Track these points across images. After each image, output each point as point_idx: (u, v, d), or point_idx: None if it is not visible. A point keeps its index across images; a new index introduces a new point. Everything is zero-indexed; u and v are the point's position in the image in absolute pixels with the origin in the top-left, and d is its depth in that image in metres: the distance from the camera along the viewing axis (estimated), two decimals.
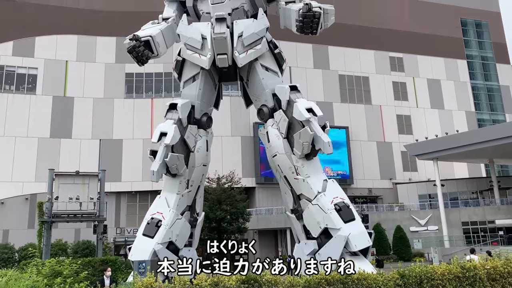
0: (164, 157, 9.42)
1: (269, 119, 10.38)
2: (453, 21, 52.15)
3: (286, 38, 32.67)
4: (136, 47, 9.79)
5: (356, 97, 46.21)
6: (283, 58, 10.77)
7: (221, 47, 10.03)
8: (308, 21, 9.39)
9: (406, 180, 44.87)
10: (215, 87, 11.24)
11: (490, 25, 53.97)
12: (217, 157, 33.20)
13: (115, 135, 39.51)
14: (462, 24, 53.10)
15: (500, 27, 54.83)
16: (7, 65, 39.02)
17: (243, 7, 10.70)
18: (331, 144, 9.05)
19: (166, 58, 12.14)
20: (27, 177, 36.31)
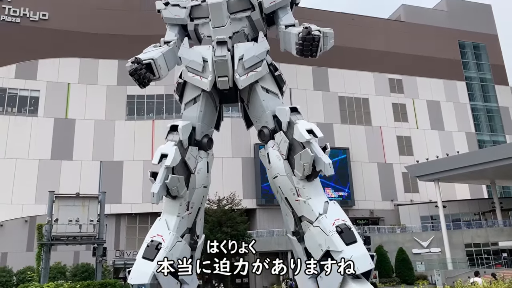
0: (165, 178, 9.37)
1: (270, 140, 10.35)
2: (452, 44, 52.80)
3: (286, 61, 33.02)
4: (138, 70, 9.84)
5: (356, 118, 46.42)
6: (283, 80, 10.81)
7: (222, 69, 10.08)
8: (308, 44, 9.46)
9: (407, 201, 44.64)
10: (216, 108, 11.25)
11: (488, 47, 54.61)
12: (217, 178, 33.17)
13: (115, 156, 39.55)
14: (460, 47, 53.74)
15: (498, 49, 55.45)
16: (9, 87, 39.39)
17: (243, 30, 10.82)
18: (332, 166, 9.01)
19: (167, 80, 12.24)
20: (27, 199, 36.19)
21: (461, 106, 50.78)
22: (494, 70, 53.97)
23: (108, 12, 42.94)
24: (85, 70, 41.34)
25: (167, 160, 9.32)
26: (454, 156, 38.49)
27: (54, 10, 42.15)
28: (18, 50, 39.78)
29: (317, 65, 44.26)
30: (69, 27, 41.82)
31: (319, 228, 9.03)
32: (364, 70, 47.72)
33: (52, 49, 40.78)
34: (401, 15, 54.09)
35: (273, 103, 10.27)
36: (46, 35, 41.02)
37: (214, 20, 10.44)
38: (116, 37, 41.74)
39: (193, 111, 10.42)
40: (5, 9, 41.09)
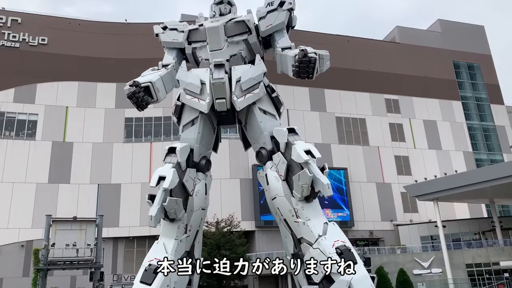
0: (163, 201, 9.29)
1: (268, 161, 10.34)
2: (446, 64, 53.47)
3: (283, 82, 33.40)
4: (136, 93, 9.90)
5: (354, 138, 46.59)
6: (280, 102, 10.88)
7: (219, 91, 10.15)
8: (304, 66, 9.57)
9: (407, 221, 44.41)
10: (214, 130, 11.29)
11: (482, 67, 55.31)
12: (216, 200, 33.00)
13: (113, 179, 39.41)
14: (455, 67, 54.42)
15: (492, 69, 56.14)
16: (7, 111, 39.50)
17: (240, 53, 10.95)
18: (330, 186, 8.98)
19: (165, 103, 12.31)
20: (24, 223, 35.86)
21: (457, 125, 51.09)
22: (489, 89, 54.54)
23: (106, 36, 43.49)
24: (84, 94, 41.58)
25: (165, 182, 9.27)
26: (452, 176, 38.49)
27: (53, 35, 42.64)
28: (17, 75, 40.07)
29: (314, 86, 44.67)
30: (67, 51, 42.24)
31: (318, 250, 8.94)
32: (361, 91, 48.15)
33: (51, 73, 41.09)
34: (396, 36, 54.88)
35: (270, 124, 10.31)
36: (45, 60, 41.39)
37: (212, 44, 10.58)
38: (114, 60, 42.14)
39: (191, 133, 10.44)
40: (5, 34, 41.55)
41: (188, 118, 10.55)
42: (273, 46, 11.10)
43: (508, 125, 53.72)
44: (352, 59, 48.09)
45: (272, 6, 11.01)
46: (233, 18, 11.01)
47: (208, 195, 10.80)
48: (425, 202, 42.24)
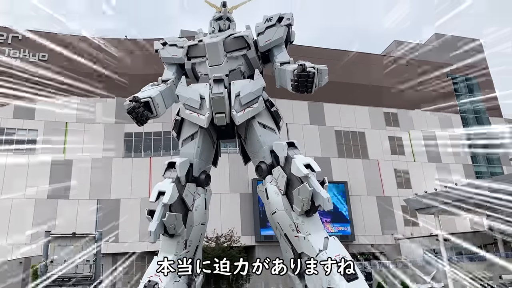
0: (162, 216, 9.24)
1: (268, 175, 10.33)
2: (444, 77, 53.78)
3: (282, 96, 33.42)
4: (136, 108, 9.93)
5: (353, 152, 46.60)
6: (280, 116, 10.92)
7: (219, 106, 10.20)
8: (303, 80, 9.63)
9: (408, 235, 44.17)
10: (214, 145, 11.30)
11: (480, 81, 55.62)
12: (215, 215, 32.84)
13: (112, 195, 39.29)
14: (453, 80, 54.72)
15: (490, 82, 56.48)
16: (7, 127, 39.54)
17: (240, 68, 11.04)
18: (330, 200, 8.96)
19: (165, 118, 12.35)
20: (22, 239, 35.61)
21: (456, 138, 51.15)
22: (487, 102, 54.75)
23: (105, 52, 43.79)
24: (83, 109, 41.70)
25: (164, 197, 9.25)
26: (452, 189, 38.35)
27: (53, 51, 42.92)
28: (17, 90, 40.20)
29: (313, 100, 44.86)
30: (67, 67, 42.48)
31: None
32: (359, 105, 48.35)
33: (51, 89, 41.24)
34: (394, 50, 55.36)
35: (270, 138, 10.33)
36: (45, 76, 41.58)
37: (211, 59, 10.67)
38: (114, 76, 42.36)
39: (190, 148, 10.46)
40: (6, 51, 41.84)
41: (187, 133, 10.58)
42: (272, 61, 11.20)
43: None
44: (351, 73, 48.38)
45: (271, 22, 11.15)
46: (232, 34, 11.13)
47: (208, 210, 10.76)
48: (426, 216, 42.06)
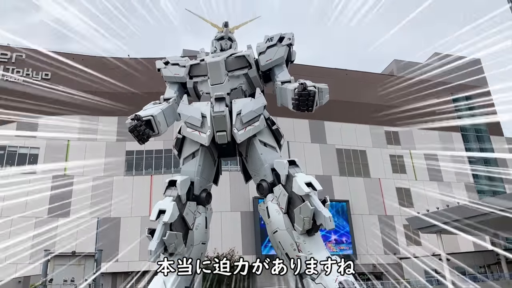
0: (162, 235, 9.18)
1: (269, 194, 10.29)
2: (445, 96, 53.99)
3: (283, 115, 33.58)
4: (138, 127, 9.96)
5: (355, 170, 46.50)
6: (281, 134, 10.93)
7: (220, 124, 10.24)
8: (304, 99, 9.67)
9: (410, 254, 43.71)
10: (215, 163, 11.29)
11: (480, 98, 55.76)
12: (216, 233, 32.62)
13: (113, 213, 39.11)
14: (453, 99, 54.90)
15: (490, 100, 56.58)
16: (9, 145, 39.64)
17: (241, 87, 11.11)
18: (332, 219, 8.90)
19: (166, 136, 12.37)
20: (22, 258, 35.31)
21: (458, 157, 51.08)
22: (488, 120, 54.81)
23: (109, 71, 44.16)
24: (85, 127, 41.84)
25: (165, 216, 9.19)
26: (454, 207, 38.13)
27: (56, 70, 43.32)
28: (20, 109, 40.46)
29: (314, 119, 44.98)
30: (70, 86, 42.79)
31: (321, 284, 8.79)
32: (360, 123, 48.44)
33: (53, 107, 41.47)
34: (394, 69, 55.77)
35: (271, 156, 10.33)
36: (47, 94, 41.87)
37: (213, 78, 10.76)
38: (116, 94, 42.63)
39: (191, 166, 10.44)
40: (9, 70, 42.25)
41: (188, 151, 10.59)
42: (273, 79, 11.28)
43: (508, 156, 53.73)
44: (351, 92, 48.65)
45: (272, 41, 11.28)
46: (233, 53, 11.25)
47: (209, 229, 10.69)
48: (428, 235, 41.71)
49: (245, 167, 11.23)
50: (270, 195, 10.05)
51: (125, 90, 42.56)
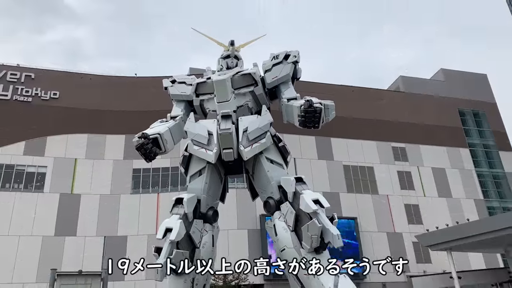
0: (169, 254, 9.14)
1: (276, 211, 10.24)
2: (452, 112, 53.82)
3: (289, 132, 33.67)
4: (145, 145, 10.01)
5: (363, 187, 46.15)
6: (287, 151, 10.93)
7: (226, 142, 10.27)
8: (310, 116, 9.70)
9: (420, 272, 42.97)
10: (221, 180, 11.29)
11: (488, 115, 55.55)
12: (223, 251, 32.22)
13: (120, 231, 38.98)
14: (460, 114, 54.69)
15: (498, 116, 56.34)
16: (17, 164, 39.92)
17: (247, 104, 11.17)
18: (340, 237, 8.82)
19: (173, 153, 12.41)
20: (29, 277, 35.18)
21: (466, 172, 50.59)
22: (497, 136, 54.46)
23: (116, 90, 44.65)
24: (92, 146, 42.09)
25: (171, 234, 9.16)
26: (464, 224, 37.56)
27: (64, 89, 43.87)
28: (28, 128, 40.87)
29: (320, 135, 44.88)
30: (78, 105, 43.23)
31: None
32: (367, 139, 48.27)
33: (61, 126, 41.87)
34: (400, 85, 55.77)
35: (277, 173, 10.30)
36: (55, 113, 42.32)
37: (219, 96, 10.83)
38: (123, 113, 42.97)
39: (198, 183, 10.44)
40: (18, 89, 42.83)
41: (195, 169, 10.59)
42: (279, 97, 11.33)
43: None
44: (358, 108, 48.64)
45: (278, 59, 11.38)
46: (239, 71, 11.34)
47: (216, 247, 10.62)
48: (438, 252, 41.04)
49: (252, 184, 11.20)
50: (277, 213, 9.98)
51: (132, 108, 42.89)
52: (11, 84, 43.00)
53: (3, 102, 41.95)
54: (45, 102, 43.11)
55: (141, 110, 41.05)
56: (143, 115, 35.67)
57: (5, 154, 39.90)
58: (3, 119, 40.65)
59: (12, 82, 43.18)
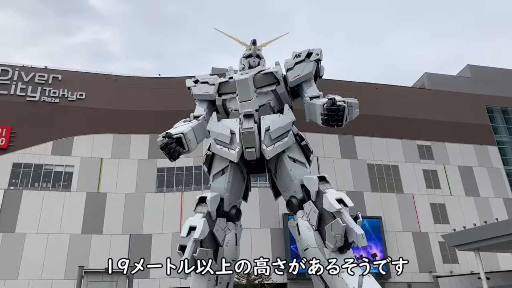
0: (193, 252, 9.21)
1: (299, 210, 10.20)
2: (479, 109, 52.47)
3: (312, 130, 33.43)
4: (169, 144, 10.14)
5: (387, 186, 45.49)
6: (310, 150, 10.87)
7: (249, 141, 10.29)
8: (333, 114, 9.62)
9: (447, 273, 42.12)
10: (244, 179, 11.32)
11: None
12: (246, 250, 32.31)
13: (144, 230, 39.54)
14: (488, 111, 53.26)
15: None
16: (46, 163, 40.96)
17: (269, 103, 11.17)
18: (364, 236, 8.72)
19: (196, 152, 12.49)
20: (57, 274, 36.07)
21: (495, 171, 49.25)
22: None
23: (141, 90, 45.28)
24: (118, 145, 42.82)
25: (195, 232, 9.23)
26: (493, 224, 36.57)
27: (90, 90, 44.77)
28: (56, 128, 41.88)
29: (344, 134, 44.44)
30: (103, 105, 44.07)
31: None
32: (392, 137, 47.54)
33: (87, 126, 42.76)
34: (425, 83, 54.72)
35: (300, 172, 10.26)
36: (82, 114, 43.24)
37: (241, 95, 10.86)
38: (147, 113, 43.55)
39: (221, 182, 10.50)
40: (46, 91, 43.95)
41: (218, 168, 10.66)
42: (301, 95, 11.28)
43: None
44: (382, 106, 47.97)
45: (300, 57, 11.33)
46: (261, 70, 11.34)
47: (239, 246, 10.65)
48: (466, 252, 40.11)
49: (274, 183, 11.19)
50: (300, 212, 9.94)
51: (155, 108, 43.43)
52: (39, 86, 44.14)
53: (32, 104, 43.11)
54: (72, 103, 44.09)
55: (164, 110, 41.53)
56: (167, 115, 36.08)
57: (34, 154, 41.00)
58: (31, 120, 41.78)
59: (40, 84, 44.32)
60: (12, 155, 40.55)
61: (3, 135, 40.77)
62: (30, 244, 37.16)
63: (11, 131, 41.08)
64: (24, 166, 40.54)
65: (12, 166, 40.23)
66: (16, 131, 41.20)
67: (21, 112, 42.10)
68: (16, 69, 44.52)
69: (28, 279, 35.90)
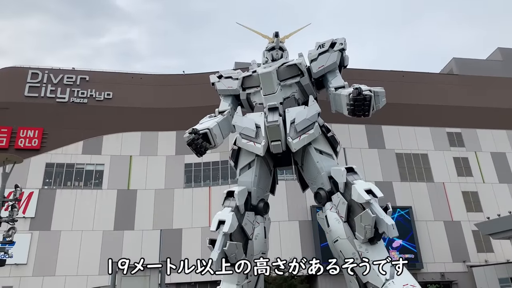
0: (223, 246, 9.30)
1: (327, 202, 10.14)
2: (511, 93, 50.73)
3: (338, 121, 33.14)
4: (195, 140, 10.24)
5: (417, 175, 44.65)
6: (336, 141, 10.78)
7: (274, 134, 10.28)
8: (359, 104, 9.49)
9: (482, 262, 41.10)
10: (271, 172, 11.33)
11: None
12: (276, 243, 32.46)
13: (175, 224, 40.16)
14: None
15: None
16: (77, 163, 42.05)
17: (294, 95, 11.11)
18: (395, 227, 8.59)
19: (222, 147, 12.57)
20: (92, 270, 37.08)
21: None
22: None
23: (166, 88, 45.85)
24: (146, 143, 43.53)
25: (224, 226, 9.31)
26: None
27: (117, 90, 45.61)
28: (85, 128, 42.90)
29: (370, 123, 43.82)
30: (130, 104, 44.83)
31: None
32: (420, 125, 46.56)
33: (116, 125, 43.61)
34: (453, 68, 53.25)
35: (327, 164, 10.18)
36: (110, 113, 44.12)
37: (265, 88, 10.84)
38: (174, 110, 44.07)
39: (248, 176, 10.54)
40: (75, 92, 45.01)
41: (244, 162, 10.69)
42: (326, 86, 11.16)
43: None
44: (409, 94, 47.01)
45: (323, 48, 11.20)
46: (285, 63, 11.27)
47: (268, 239, 10.67)
48: (501, 241, 39.04)
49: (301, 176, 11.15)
50: (328, 204, 9.87)
51: (181, 105, 43.88)
52: (68, 87, 45.23)
53: (62, 105, 44.24)
54: (100, 102, 45.02)
55: (190, 106, 41.93)
56: (192, 111, 36.42)
57: (66, 154, 42.15)
58: (62, 121, 42.90)
59: (69, 85, 45.40)
60: (45, 155, 41.79)
61: (35, 136, 42.04)
62: (65, 242, 38.33)
63: (43, 132, 42.31)
64: (57, 166, 41.73)
65: (45, 166, 41.47)
66: (48, 132, 42.41)
67: (52, 114, 43.29)
68: (46, 72, 45.74)
69: (65, 275, 37.09)
